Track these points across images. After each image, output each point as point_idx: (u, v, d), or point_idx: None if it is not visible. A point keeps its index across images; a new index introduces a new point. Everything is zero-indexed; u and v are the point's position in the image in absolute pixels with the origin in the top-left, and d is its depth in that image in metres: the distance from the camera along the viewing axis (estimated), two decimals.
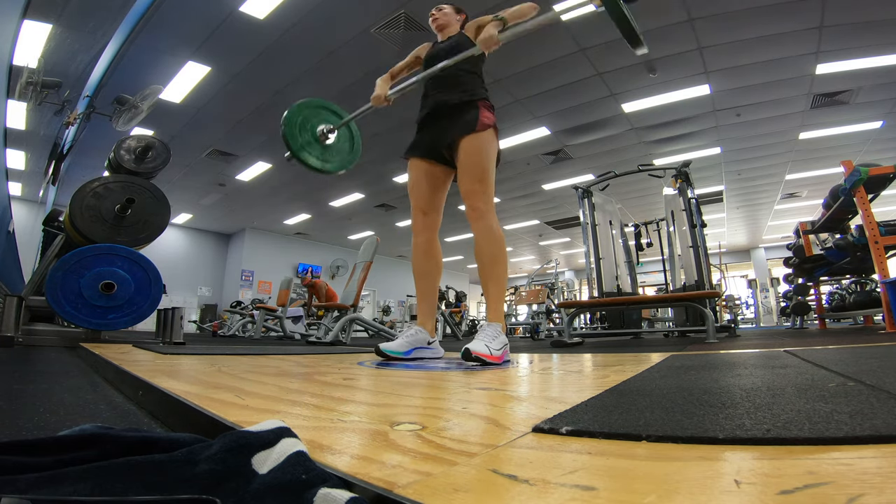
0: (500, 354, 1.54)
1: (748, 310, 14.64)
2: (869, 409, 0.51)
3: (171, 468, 0.35)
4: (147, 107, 5.01)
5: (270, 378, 1.09)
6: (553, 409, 0.63)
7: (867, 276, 5.23)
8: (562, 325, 6.13)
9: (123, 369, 1.17)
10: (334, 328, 4.52)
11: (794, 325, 7.13)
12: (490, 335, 1.58)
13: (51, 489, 0.31)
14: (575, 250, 15.34)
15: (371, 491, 0.34)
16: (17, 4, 4.07)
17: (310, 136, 2.39)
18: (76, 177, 6.00)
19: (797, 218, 9.83)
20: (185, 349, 2.37)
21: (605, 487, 0.32)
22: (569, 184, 8.44)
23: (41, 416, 0.76)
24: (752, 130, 7.23)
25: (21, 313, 2.86)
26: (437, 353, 1.90)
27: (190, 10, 4.60)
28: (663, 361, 1.43)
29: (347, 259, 14.55)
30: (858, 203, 3.78)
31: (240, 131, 7.23)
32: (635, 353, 2.16)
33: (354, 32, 4.97)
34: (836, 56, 5.30)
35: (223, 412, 0.62)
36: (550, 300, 8.53)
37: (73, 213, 3.14)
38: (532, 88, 6.10)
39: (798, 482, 0.31)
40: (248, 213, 11.55)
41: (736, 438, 0.42)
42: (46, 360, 1.97)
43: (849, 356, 1.33)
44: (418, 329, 1.86)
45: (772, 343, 2.69)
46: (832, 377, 0.84)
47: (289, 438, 0.41)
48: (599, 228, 5.54)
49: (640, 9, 4.56)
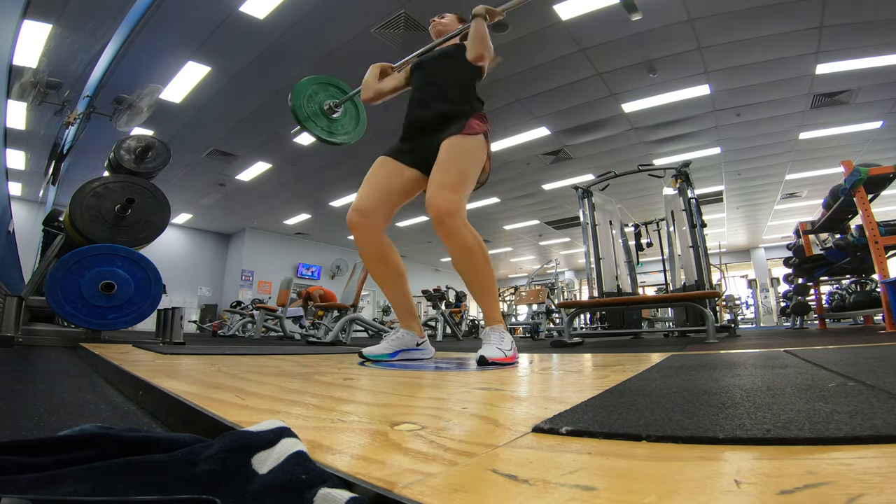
0: (512, 354, 1.58)
1: (748, 310, 14.63)
2: (869, 409, 0.51)
3: (171, 468, 0.35)
4: (147, 106, 5.01)
5: (270, 378, 1.09)
6: (553, 409, 0.63)
7: (867, 276, 5.23)
8: (562, 325, 6.12)
9: (123, 369, 1.17)
10: (334, 328, 4.52)
11: (794, 325, 7.12)
12: (497, 338, 1.59)
13: (51, 489, 0.31)
14: (575, 250, 15.34)
15: (371, 491, 0.34)
16: (17, 4, 4.07)
17: (317, 108, 2.44)
18: (76, 177, 5.99)
19: (797, 218, 9.82)
20: (185, 349, 2.37)
21: (605, 487, 0.32)
22: (569, 184, 8.44)
23: (41, 416, 0.76)
24: (752, 130, 7.24)
25: (21, 313, 2.86)
26: (427, 354, 1.88)
27: (190, 10, 4.60)
28: (663, 361, 1.43)
29: (347, 259, 14.55)
30: (858, 203, 3.78)
31: (240, 131, 7.23)
32: (635, 353, 2.16)
33: (354, 32, 4.97)
34: (836, 56, 5.30)
35: (223, 412, 0.62)
36: (550, 300, 8.53)
37: (73, 213, 3.14)
38: (532, 88, 6.10)
39: (798, 482, 0.31)
40: (248, 213, 11.55)
41: (736, 438, 0.42)
42: (46, 360, 1.97)
43: (849, 356, 1.33)
44: (405, 332, 1.83)
45: (772, 343, 2.69)
46: (832, 377, 0.84)
47: (289, 438, 0.41)
48: (599, 228, 5.54)
49: (639, 8, 4.57)
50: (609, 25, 4.87)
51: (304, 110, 2.39)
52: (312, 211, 11.45)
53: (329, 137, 2.49)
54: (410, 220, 11.89)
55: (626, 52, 5.33)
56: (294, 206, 11.07)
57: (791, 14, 4.62)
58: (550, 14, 4.70)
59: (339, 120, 2.57)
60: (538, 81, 5.92)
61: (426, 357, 1.86)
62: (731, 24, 4.80)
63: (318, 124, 2.44)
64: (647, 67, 5.63)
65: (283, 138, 7.44)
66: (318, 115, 2.45)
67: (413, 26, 4.87)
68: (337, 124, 2.56)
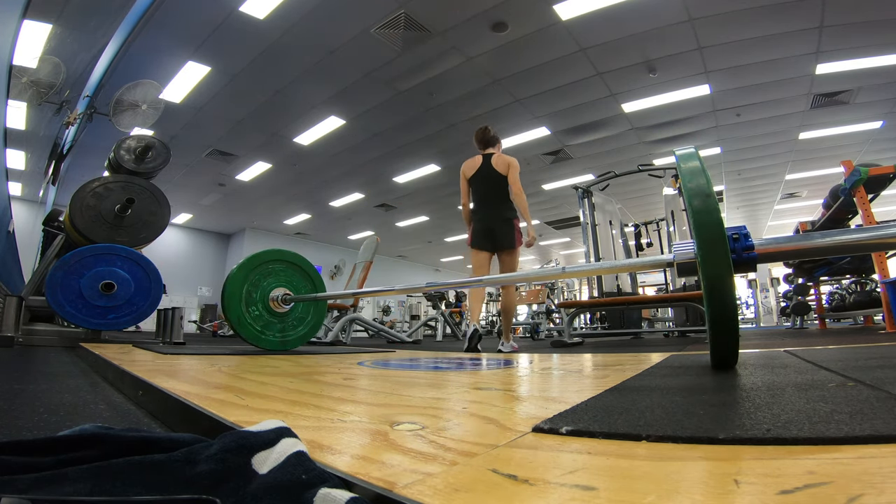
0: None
1: (748, 310, 14.63)
2: (869, 409, 0.51)
3: (171, 468, 0.35)
4: (147, 105, 5.01)
5: (270, 378, 1.09)
6: (553, 409, 0.63)
7: (867, 276, 5.23)
8: (562, 325, 6.12)
9: (123, 369, 1.17)
10: (334, 328, 4.52)
11: (794, 325, 7.12)
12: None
13: (51, 489, 0.31)
14: (575, 250, 15.34)
15: (371, 491, 0.34)
16: (17, 4, 4.06)
17: (260, 309, 2.06)
18: (76, 177, 5.98)
19: (797, 218, 9.82)
20: (185, 349, 2.37)
21: (605, 487, 0.32)
22: (569, 184, 8.45)
23: (41, 416, 0.76)
24: (752, 130, 7.23)
25: (21, 313, 2.86)
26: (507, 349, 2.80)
27: (190, 10, 4.60)
28: (663, 361, 1.43)
29: (347, 259, 14.55)
30: (858, 203, 3.78)
31: (240, 131, 7.23)
32: (635, 353, 2.16)
33: (354, 32, 4.97)
34: (836, 56, 5.30)
35: (223, 412, 0.62)
36: (550, 300, 8.53)
37: (73, 213, 3.14)
38: (532, 88, 6.10)
39: (798, 482, 0.31)
40: (248, 213, 11.55)
41: (736, 438, 0.42)
42: (46, 360, 1.96)
43: (849, 356, 1.33)
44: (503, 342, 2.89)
45: (772, 343, 2.69)
46: (832, 377, 0.84)
47: (289, 438, 0.41)
48: (599, 228, 5.54)
49: (639, 8, 4.57)
50: (609, 25, 4.87)
51: (243, 317, 1.99)
52: (312, 211, 11.45)
53: (281, 347, 2.12)
54: (410, 220, 11.89)
55: (626, 52, 5.33)
56: (294, 206, 11.07)
57: (791, 14, 4.62)
58: (550, 14, 4.70)
59: (291, 312, 2.17)
60: (538, 81, 5.92)
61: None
62: (731, 24, 4.80)
63: (265, 335, 2.03)
64: (647, 67, 5.63)
65: (283, 138, 7.44)
66: (261, 318, 2.05)
67: (413, 26, 4.86)
68: (288, 319, 2.16)
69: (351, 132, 7.18)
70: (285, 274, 2.25)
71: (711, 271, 0.89)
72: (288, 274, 2.26)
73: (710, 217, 0.92)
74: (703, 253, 0.90)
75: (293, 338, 2.24)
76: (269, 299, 2.15)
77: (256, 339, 2.09)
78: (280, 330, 2.16)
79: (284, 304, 2.17)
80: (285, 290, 2.21)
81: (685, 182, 1.01)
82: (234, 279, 2.08)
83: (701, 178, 0.99)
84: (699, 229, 0.91)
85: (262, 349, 2.12)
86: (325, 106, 6.50)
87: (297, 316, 2.27)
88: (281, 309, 2.16)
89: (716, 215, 0.92)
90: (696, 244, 0.92)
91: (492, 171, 2.92)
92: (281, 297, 2.16)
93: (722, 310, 0.91)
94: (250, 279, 2.12)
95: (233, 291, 2.06)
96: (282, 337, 2.16)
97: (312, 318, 2.32)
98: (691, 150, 1.10)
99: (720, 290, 0.90)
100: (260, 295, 2.13)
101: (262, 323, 2.11)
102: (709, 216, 0.92)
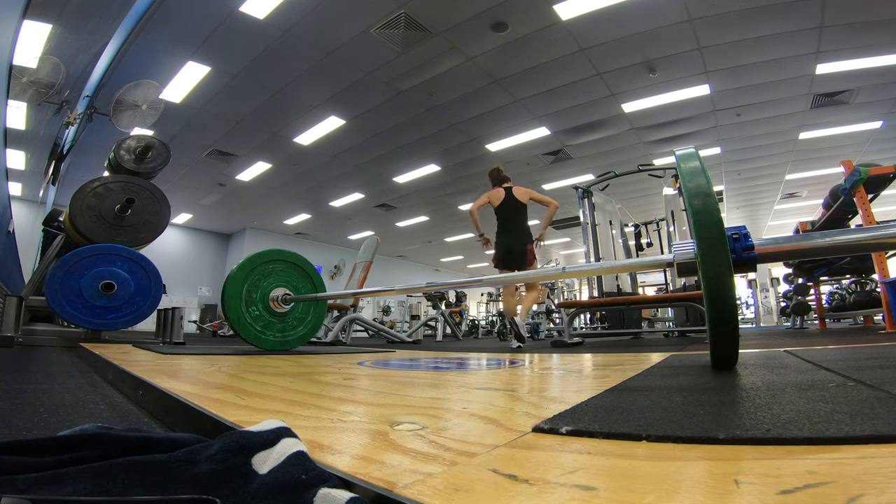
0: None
1: (748, 310, 14.63)
2: (869, 409, 0.51)
3: (171, 468, 0.35)
4: (147, 105, 5.01)
5: (270, 378, 1.09)
6: (553, 409, 0.63)
7: (867, 276, 5.23)
8: (562, 325, 6.12)
9: (123, 369, 1.17)
10: (334, 328, 4.52)
11: (794, 325, 7.12)
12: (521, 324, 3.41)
13: (51, 489, 0.31)
14: (575, 250, 15.34)
15: (371, 491, 0.34)
16: (17, 4, 4.06)
17: (260, 309, 2.05)
18: (76, 177, 5.99)
19: (797, 218, 9.83)
20: (185, 349, 2.37)
21: (605, 487, 0.32)
22: (569, 184, 8.44)
23: (41, 416, 0.76)
24: (752, 130, 7.23)
25: (21, 313, 2.86)
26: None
27: (190, 10, 4.60)
28: (663, 361, 1.43)
29: (347, 259, 14.54)
30: (858, 203, 3.78)
31: (240, 131, 7.23)
32: (635, 353, 2.16)
33: (354, 32, 4.97)
34: (836, 56, 5.30)
35: (223, 412, 0.62)
36: (550, 300, 8.54)
37: (73, 213, 3.14)
38: (532, 88, 6.10)
39: (798, 482, 0.31)
40: (248, 213, 11.55)
41: (736, 438, 0.42)
42: (46, 360, 1.96)
43: (849, 356, 1.33)
44: None
45: (772, 343, 2.69)
46: (832, 377, 0.84)
47: (289, 438, 0.41)
48: (599, 228, 5.54)
49: (639, 8, 4.58)
50: (609, 25, 4.87)
51: (243, 317, 1.98)
52: (312, 211, 11.45)
53: (281, 347, 2.11)
54: (410, 220, 11.89)
55: (626, 52, 5.33)
56: (294, 206, 11.07)
57: (791, 14, 4.62)
58: (550, 14, 4.70)
59: (291, 312, 2.17)
60: (538, 81, 5.92)
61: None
62: (731, 24, 4.80)
63: (265, 335, 2.02)
64: (647, 67, 5.63)
65: (283, 138, 7.44)
66: (261, 318, 2.05)
67: (413, 26, 4.87)
68: (288, 319, 2.16)
69: (351, 132, 7.18)
70: (285, 274, 2.25)
71: (711, 271, 0.89)
72: (288, 274, 2.25)
73: (710, 217, 0.92)
74: (703, 253, 0.90)
75: (293, 338, 2.24)
76: (269, 299, 2.15)
77: (256, 339, 2.09)
78: (280, 330, 2.16)
79: (284, 304, 2.17)
80: (285, 290, 2.21)
81: (685, 182, 1.01)
82: (234, 279, 2.08)
83: (701, 178, 0.99)
84: (699, 229, 0.91)
85: (262, 349, 2.12)
86: (324, 106, 6.51)
87: (297, 316, 2.27)
88: (281, 309, 2.16)
89: (716, 215, 0.92)
90: (696, 244, 0.92)
91: (514, 199, 3.92)
92: (281, 297, 2.16)
93: (722, 310, 0.91)
94: (250, 279, 2.11)
95: (233, 291, 2.06)
96: (282, 337, 2.16)
97: (312, 319, 2.32)
98: (691, 150, 1.10)
99: (720, 290, 0.90)
100: (260, 295, 2.13)
101: (262, 323, 2.11)
102: (709, 216, 0.92)
